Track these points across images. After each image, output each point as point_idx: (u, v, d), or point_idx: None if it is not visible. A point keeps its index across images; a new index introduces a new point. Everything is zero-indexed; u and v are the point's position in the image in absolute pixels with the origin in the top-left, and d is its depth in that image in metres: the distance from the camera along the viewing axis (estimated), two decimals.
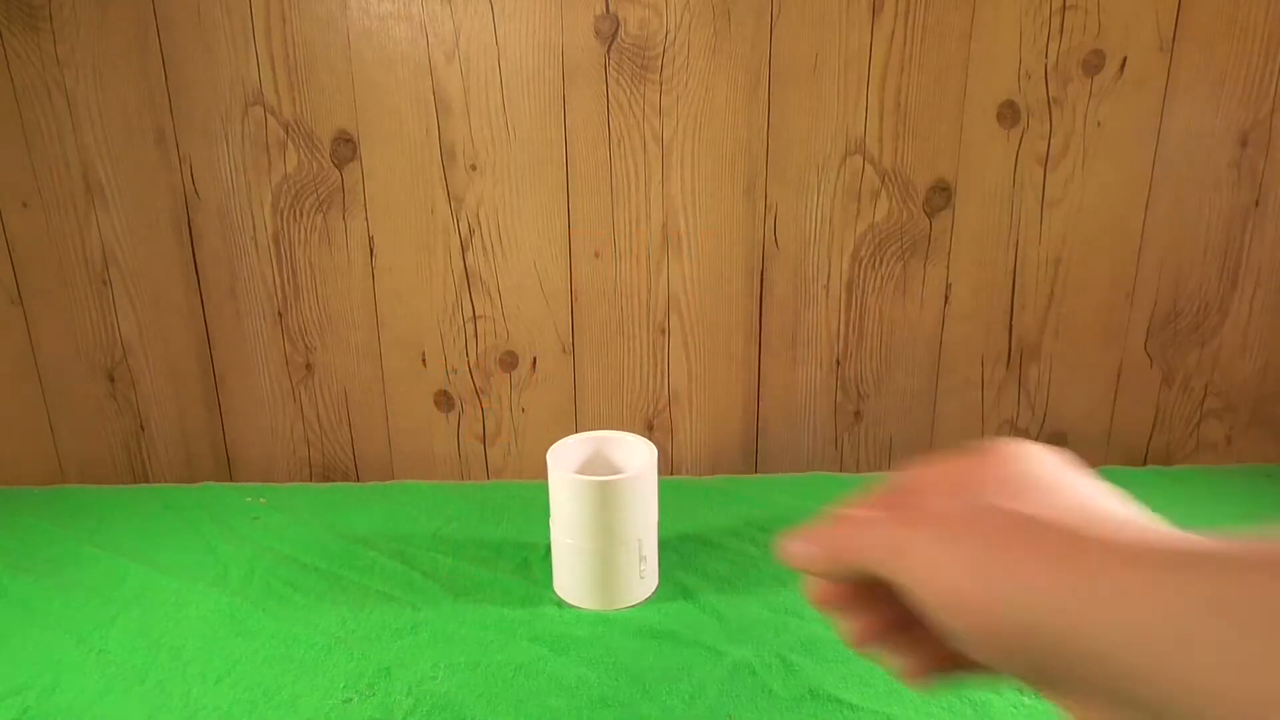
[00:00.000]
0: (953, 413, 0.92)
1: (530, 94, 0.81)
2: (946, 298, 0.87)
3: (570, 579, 0.68)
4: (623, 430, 0.72)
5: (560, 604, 0.68)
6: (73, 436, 0.91)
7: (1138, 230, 0.85)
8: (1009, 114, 0.82)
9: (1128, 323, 0.89)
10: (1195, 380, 0.91)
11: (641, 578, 0.68)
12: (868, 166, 0.83)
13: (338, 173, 0.83)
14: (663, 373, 0.90)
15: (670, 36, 0.79)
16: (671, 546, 0.75)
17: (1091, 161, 0.83)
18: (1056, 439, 0.93)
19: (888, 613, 0.32)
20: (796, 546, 0.33)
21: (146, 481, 0.93)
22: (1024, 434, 0.92)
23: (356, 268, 0.86)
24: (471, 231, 0.85)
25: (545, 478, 0.67)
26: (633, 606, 0.68)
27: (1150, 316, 0.89)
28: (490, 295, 0.87)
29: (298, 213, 0.84)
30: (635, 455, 0.70)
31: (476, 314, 0.88)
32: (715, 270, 0.86)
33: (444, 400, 0.91)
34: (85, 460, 0.92)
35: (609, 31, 0.79)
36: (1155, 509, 0.78)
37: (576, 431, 0.79)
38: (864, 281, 0.87)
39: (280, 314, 0.87)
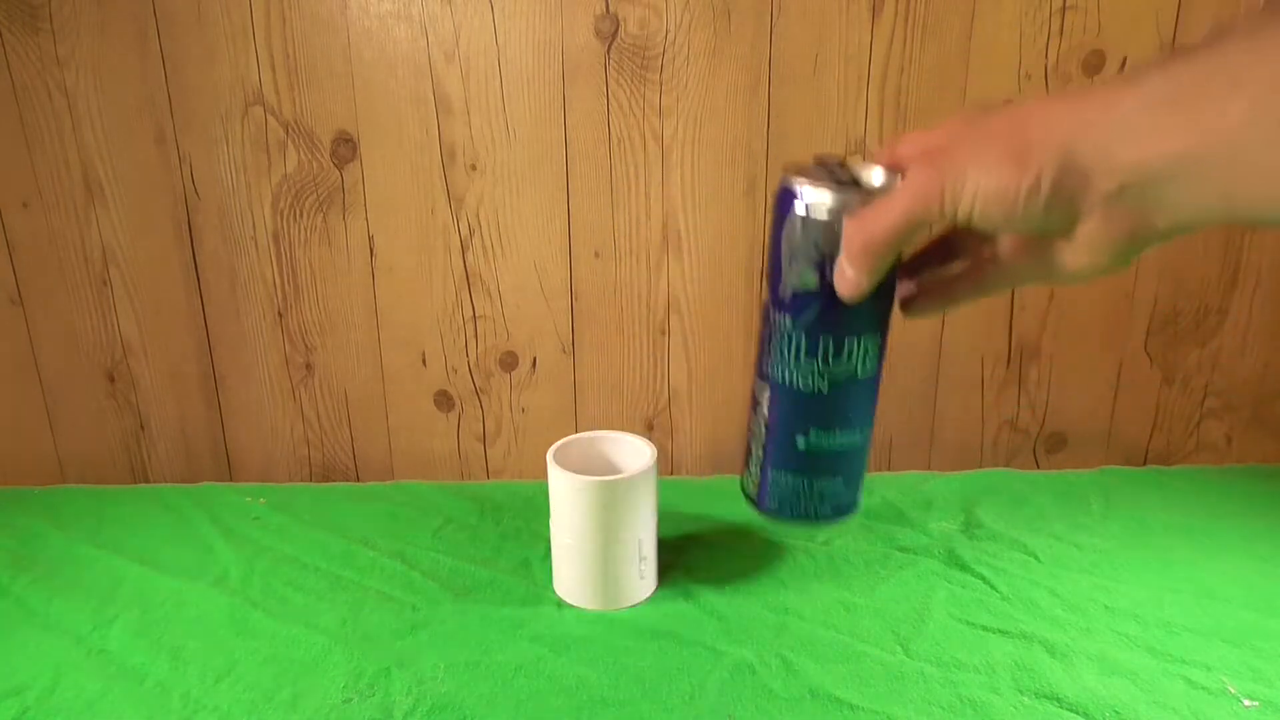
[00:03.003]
0: (953, 413, 0.92)
1: (530, 94, 0.81)
2: None
3: (570, 579, 0.68)
4: (623, 430, 0.72)
5: (560, 604, 0.68)
6: (73, 436, 0.91)
7: None
8: None
9: (1128, 323, 0.89)
10: (1195, 380, 0.91)
11: (641, 578, 0.68)
12: None
13: (338, 173, 0.83)
14: (663, 373, 0.90)
15: (670, 36, 0.79)
16: (671, 546, 0.75)
17: None
18: (1056, 439, 0.93)
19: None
20: (850, 274, 0.44)
21: (146, 481, 0.93)
22: (1024, 434, 0.92)
23: (356, 268, 0.86)
24: (471, 231, 0.85)
25: (545, 478, 0.67)
26: (633, 606, 0.68)
27: (1150, 316, 0.89)
28: (490, 295, 0.87)
29: (298, 213, 0.84)
30: (635, 455, 0.70)
31: (476, 314, 0.88)
32: (715, 270, 0.86)
33: (444, 400, 0.91)
34: (85, 460, 0.92)
35: (609, 31, 0.79)
36: (1155, 509, 0.79)
37: (576, 431, 0.79)
38: None
39: (280, 314, 0.87)
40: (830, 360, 0.59)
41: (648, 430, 0.92)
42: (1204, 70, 0.32)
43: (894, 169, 0.54)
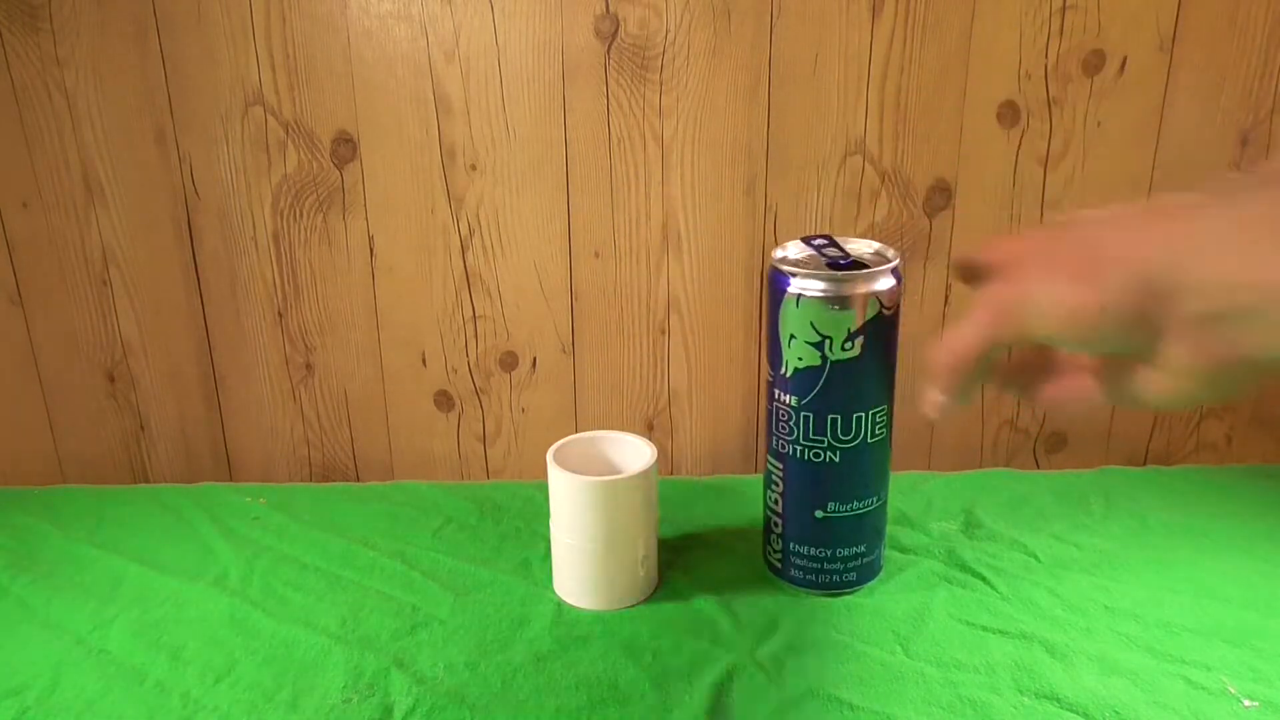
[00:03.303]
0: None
1: (530, 94, 0.81)
2: (946, 298, 0.87)
3: (570, 579, 0.68)
4: (623, 430, 0.72)
5: (560, 604, 0.68)
6: (73, 436, 0.91)
7: None
8: (1009, 114, 0.82)
9: None
10: None
11: (641, 578, 0.68)
12: (868, 166, 0.83)
13: (338, 173, 0.83)
14: (663, 373, 0.90)
15: (670, 36, 0.79)
16: (671, 546, 0.75)
17: (1091, 161, 0.83)
18: (1056, 439, 0.93)
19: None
20: (935, 397, 0.45)
21: (146, 481, 0.93)
22: (1024, 433, 0.92)
23: (356, 268, 0.86)
24: (471, 231, 0.85)
25: (545, 478, 0.67)
26: (633, 606, 0.68)
27: None
28: (490, 295, 0.87)
29: (298, 213, 0.84)
30: (635, 455, 0.70)
31: (476, 314, 0.88)
32: (715, 270, 0.86)
33: (444, 400, 0.91)
34: (85, 460, 0.92)
35: (609, 31, 0.79)
36: (1155, 509, 0.79)
37: (576, 431, 0.79)
38: None
39: (280, 314, 0.88)
40: (840, 435, 0.60)
41: (648, 430, 0.92)
42: None
43: (884, 244, 0.54)
